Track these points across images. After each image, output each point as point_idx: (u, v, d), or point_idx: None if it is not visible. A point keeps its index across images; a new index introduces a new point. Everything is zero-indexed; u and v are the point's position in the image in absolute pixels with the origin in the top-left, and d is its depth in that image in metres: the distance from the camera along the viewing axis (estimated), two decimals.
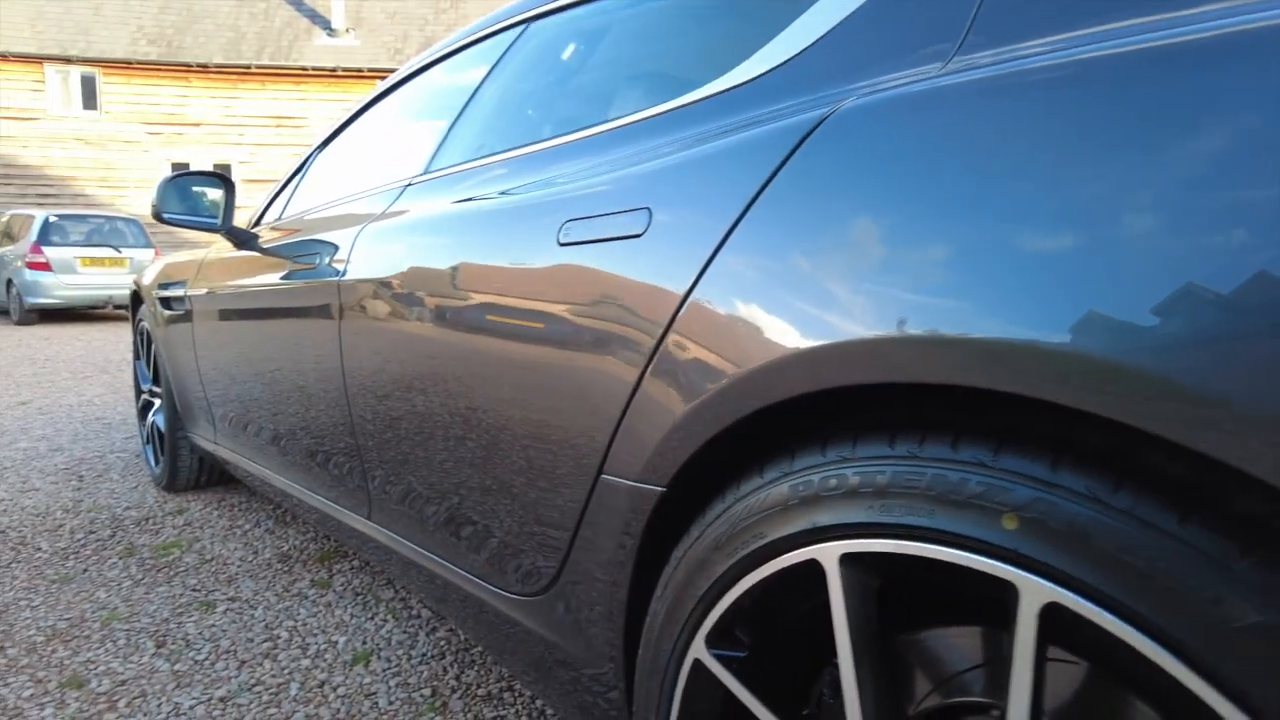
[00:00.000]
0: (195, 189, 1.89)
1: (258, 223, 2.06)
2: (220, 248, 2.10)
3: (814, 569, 0.59)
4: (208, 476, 2.58)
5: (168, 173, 13.45)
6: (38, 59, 13.18)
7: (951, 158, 0.54)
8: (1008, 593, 0.50)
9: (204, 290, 2.01)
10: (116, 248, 9.49)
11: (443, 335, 1.03)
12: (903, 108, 0.59)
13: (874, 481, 0.56)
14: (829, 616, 0.59)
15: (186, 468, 2.49)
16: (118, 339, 7.81)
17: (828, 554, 0.58)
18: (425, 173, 1.31)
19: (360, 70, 13.80)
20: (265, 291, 1.66)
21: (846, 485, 0.57)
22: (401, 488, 1.21)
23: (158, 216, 1.81)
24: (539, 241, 0.89)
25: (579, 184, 0.89)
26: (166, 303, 2.34)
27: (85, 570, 1.97)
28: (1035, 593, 0.48)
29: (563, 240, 0.86)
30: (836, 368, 0.56)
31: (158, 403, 2.67)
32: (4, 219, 10.24)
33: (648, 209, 0.76)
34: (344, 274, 1.29)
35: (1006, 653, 0.50)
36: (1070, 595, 0.47)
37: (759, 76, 0.79)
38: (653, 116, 0.88)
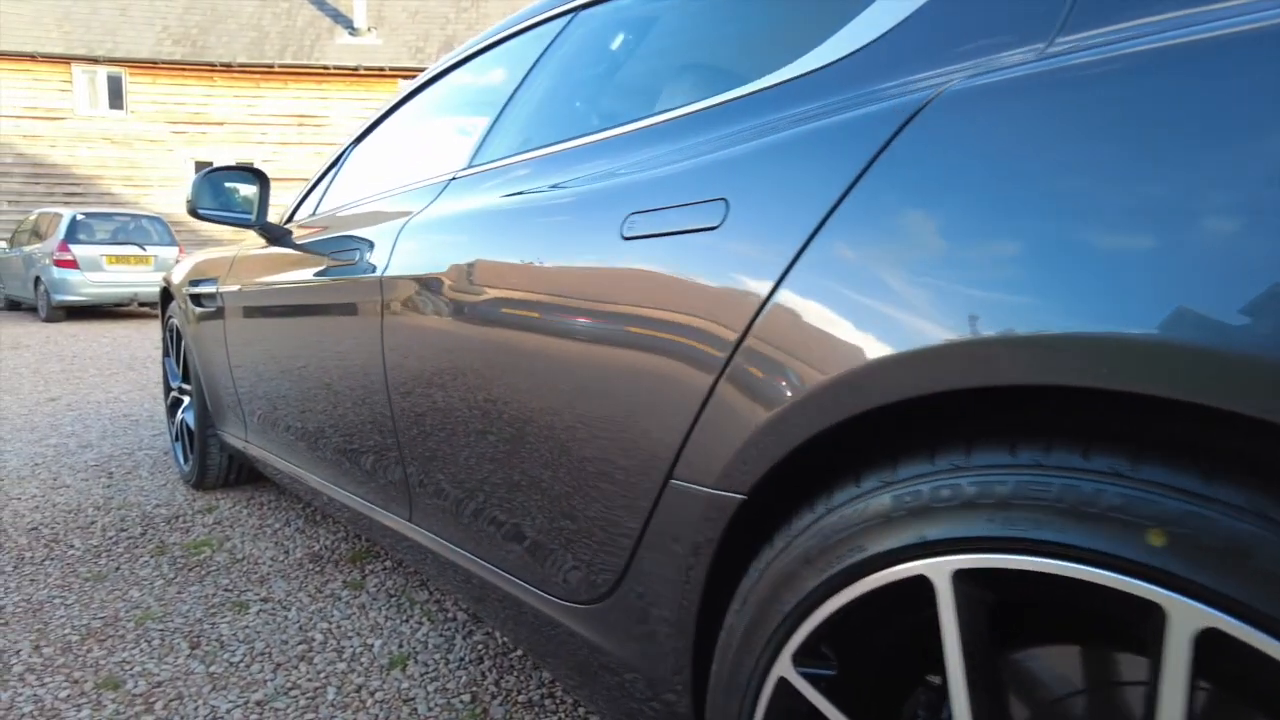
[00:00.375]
0: (228, 184, 1.87)
1: (290, 219, 2.03)
2: (253, 244, 2.08)
3: (920, 585, 0.55)
4: (236, 474, 2.57)
5: (191, 171, 13.61)
6: (65, 59, 13.36)
7: (1088, 142, 0.49)
8: (1152, 615, 0.45)
9: (236, 287, 1.99)
10: (142, 245, 9.58)
11: (496, 333, 0.99)
12: (1019, 90, 0.55)
13: (994, 492, 0.51)
14: (932, 633, 0.55)
15: (216, 466, 2.48)
16: (143, 336, 7.88)
17: (939, 570, 0.54)
18: (469, 167, 1.28)
19: (382, 69, 13.86)
20: (300, 288, 1.63)
21: (962, 496, 0.53)
22: (447, 489, 1.18)
23: (193, 212, 1.79)
24: (600, 236, 0.85)
25: (643, 175, 0.84)
26: (197, 300, 2.33)
27: (118, 568, 1.96)
28: (1188, 616, 0.44)
29: (626, 234, 0.82)
30: (962, 369, 0.52)
31: (187, 400, 2.67)
32: (32, 217, 10.38)
33: (724, 200, 0.71)
34: (387, 270, 1.26)
35: (1150, 679, 0.46)
36: (1231, 620, 0.42)
37: (841, 60, 0.74)
38: (725, 103, 0.84)
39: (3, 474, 2.79)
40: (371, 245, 1.35)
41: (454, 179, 1.28)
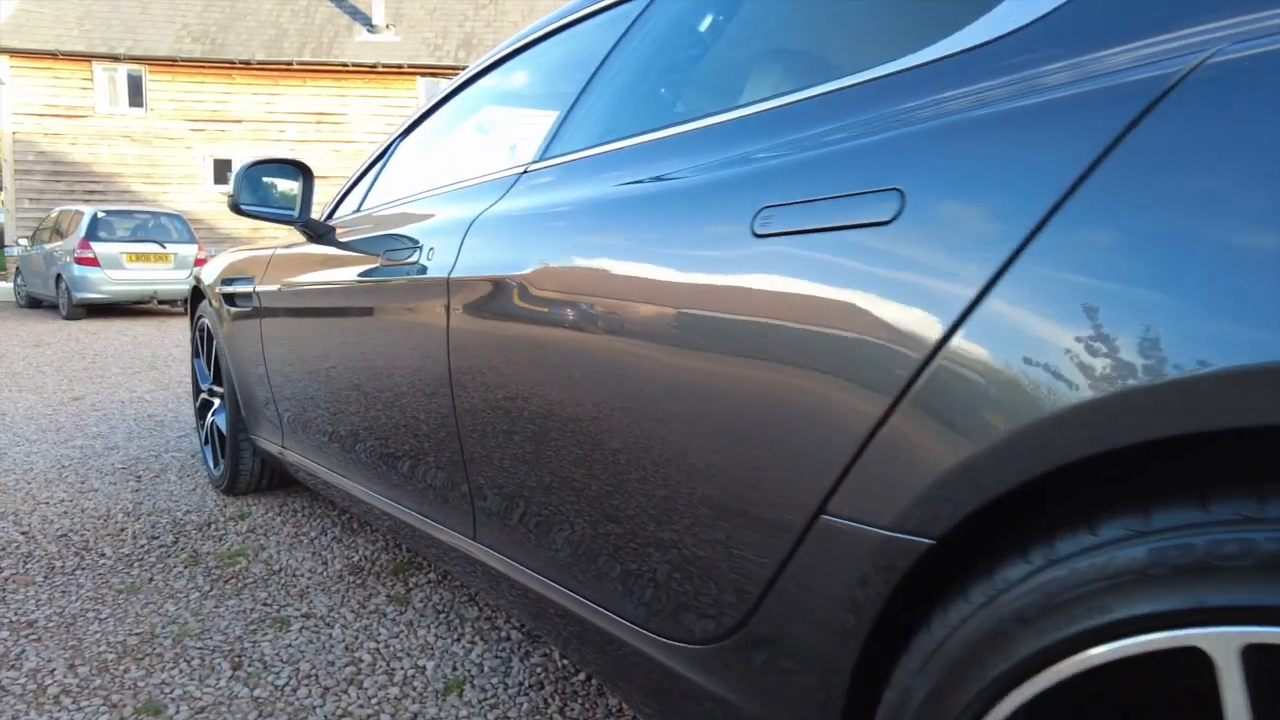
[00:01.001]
0: (267, 179, 1.78)
1: (331, 216, 1.95)
2: (291, 242, 2.00)
3: (1191, 657, 0.45)
4: (269, 479, 2.48)
5: (210, 169, 13.63)
6: (86, 57, 13.40)
7: None
8: None
9: (275, 286, 1.91)
10: (162, 243, 9.57)
11: (591, 342, 0.89)
12: None
13: None
14: (1198, 711, 0.45)
15: (248, 471, 2.40)
16: (162, 334, 7.85)
17: (1222, 643, 0.43)
18: (542, 159, 1.18)
19: (400, 66, 13.82)
20: (347, 288, 1.54)
21: (1257, 554, 0.42)
22: (521, 511, 1.08)
23: (235, 207, 1.70)
24: (723, 233, 0.75)
25: (777, 163, 0.74)
26: (231, 299, 2.24)
27: (151, 579, 1.88)
28: None
29: (759, 231, 0.71)
30: (1246, 401, 0.41)
31: (217, 403, 2.59)
32: (53, 215, 10.40)
33: (898, 191, 0.61)
34: (453, 270, 1.16)
35: None
36: None
37: (1021, 29, 0.64)
38: (874, 81, 0.73)
39: (31, 476, 2.73)
40: (432, 244, 1.26)
41: (525, 172, 1.19)
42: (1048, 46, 0.61)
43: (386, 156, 1.80)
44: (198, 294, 2.64)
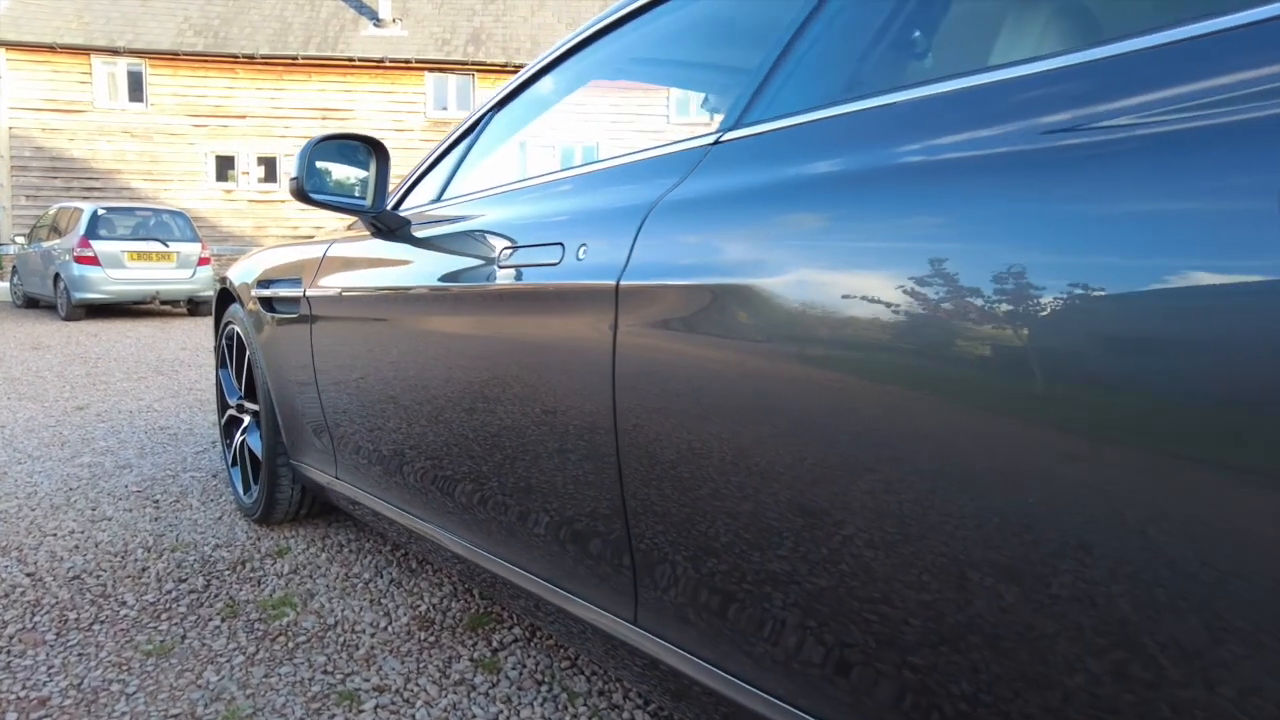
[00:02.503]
0: (324, 163, 1.47)
1: (398, 206, 1.65)
2: (348, 236, 1.70)
3: None
4: (308, 508, 2.18)
5: (212, 166, 13.26)
6: (84, 50, 13.06)
7: None
8: None
9: (331, 290, 1.61)
10: (164, 241, 9.26)
11: (871, 380, 0.61)
12: None
13: None
14: None
15: (286, 500, 2.10)
16: (166, 336, 7.54)
17: None
18: (741, 126, 0.88)
19: (408, 61, 13.49)
20: (440, 295, 1.25)
21: None
22: (711, 593, 0.79)
23: (301, 193, 1.39)
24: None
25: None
26: (270, 304, 1.94)
27: (184, 637, 1.58)
28: None
29: None
30: None
31: (248, 420, 2.29)
32: (51, 212, 10.07)
33: None
34: (624, 273, 0.87)
35: None
36: None
37: None
38: None
39: (35, 501, 2.42)
40: (583, 240, 0.96)
41: (717, 143, 0.89)
42: None
43: (474, 135, 1.50)
44: (225, 297, 2.34)
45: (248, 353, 2.11)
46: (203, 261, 9.45)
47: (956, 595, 0.57)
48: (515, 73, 1.44)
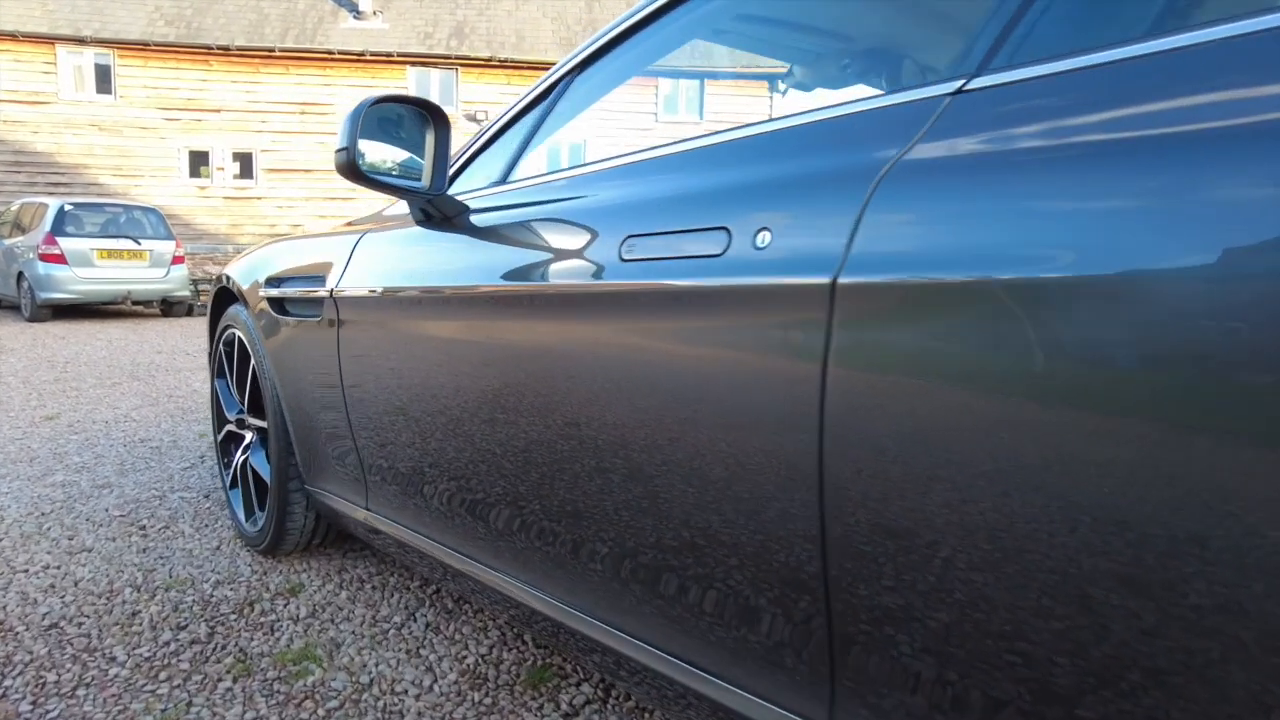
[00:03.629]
0: (367, 139, 1.21)
1: (449, 185, 1.39)
2: (390, 224, 1.45)
3: None
4: (321, 538, 1.92)
5: (185, 161, 12.72)
6: (49, 39, 12.50)
7: None
8: None
9: (367, 289, 1.35)
10: (136, 239, 8.84)
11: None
12: None
13: None
14: None
15: (298, 530, 1.83)
16: (139, 338, 7.16)
17: None
18: (986, 70, 0.65)
19: (389, 55, 13.10)
20: (535, 296, 1.00)
21: None
22: (958, 689, 0.57)
23: (353, 170, 1.12)
24: None
25: None
26: (282, 305, 1.68)
27: (190, 704, 1.32)
28: None
29: None
30: None
31: (250, 437, 2.02)
32: (14, 208, 9.58)
33: None
34: (843, 267, 0.63)
35: None
36: None
37: None
38: None
39: (2, 530, 2.13)
40: (761, 225, 0.72)
41: (961, 93, 0.66)
42: None
43: (546, 105, 1.25)
44: (224, 297, 2.07)
45: (252, 361, 1.85)
46: (177, 260, 9.05)
47: None
48: (500, 68, 1.20)
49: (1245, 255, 0.45)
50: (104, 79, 12.66)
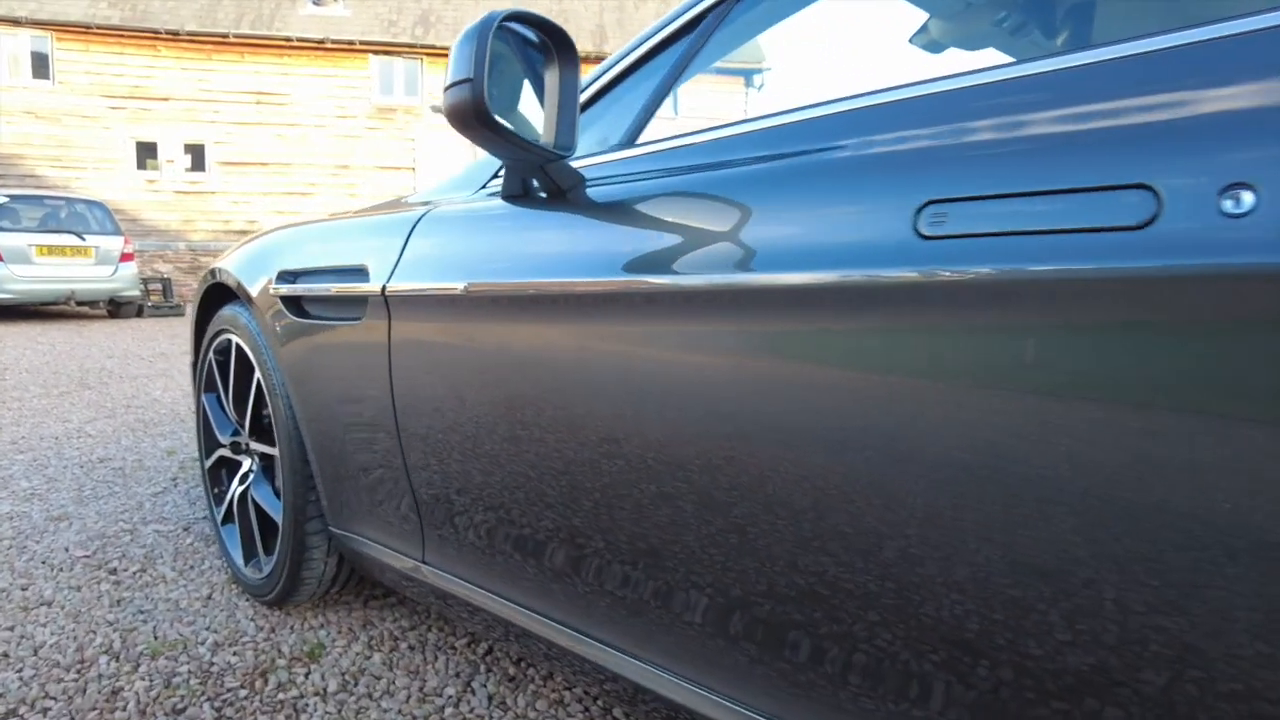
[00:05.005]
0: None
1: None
2: (461, 201, 1.14)
3: None
4: (341, 587, 1.60)
5: (132, 151, 11.91)
6: None
7: None
8: None
9: (435, 284, 1.05)
10: (79, 234, 8.23)
11: None
12: None
13: None
14: None
15: (316, 578, 1.51)
16: (86, 341, 6.62)
17: None
18: None
19: (351, 43, 12.53)
20: (745, 291, 0.71)
21: None
22: None
23: (479, 115, 0.77)
24: None
25: None
26: (298, 305, 1.36)
27: None
28: None
29: None
30: None
31: (248, 464, 1.68)
32: None
33: None
34: None
35: None
36: None
37: None
38: None
39: None
40: (1224, 178, 0.45)
41: None
42: None
43: (695, 39, 0.95)
44: (216, 294, 1.73)
45: (256, 373, 1.51)
46: (126, 257, 8.46)
47: None
48: None
49: None
50: (41, 63, 11.85)
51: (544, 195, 0.96)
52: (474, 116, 0.76)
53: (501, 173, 1.15)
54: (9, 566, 1.83)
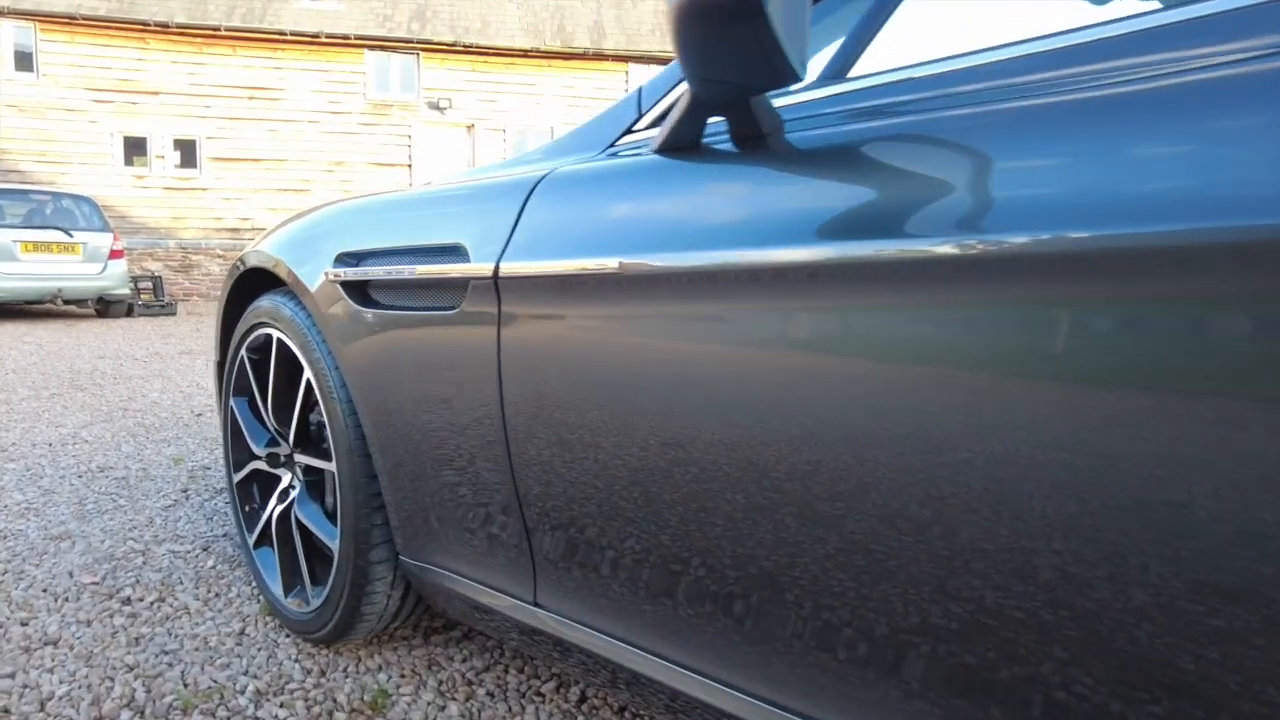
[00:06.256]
0: None
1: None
2: (587, 159, 0.93)
3: None
4: (403, 620, 1.37)
5: (120, 147, 11.54)
6: None
7: None
8: None
9: (566, 263, 0.83)
10: (67, 230, 7.93)
11: None
12: None
13: None
14: None
15: (376, 614, 1.29)
16: (76, 341, 6.33)
17: None
18: None
19: (346, 37, 12.23)
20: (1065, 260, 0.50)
21: None
22: None
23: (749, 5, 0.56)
24: None
25: None
26: (363, 292, 1.14)
27: None
28: None
29: None
30: None
31: (287, 481, 1.46)
32: None
33: None
34: None
35: None
36: None
37: None
38: None
39: None
40: None
41: None
42: None
43: None
44: (251, 281, 1.50)
45: (306, 373, 1.29)
46: (115, 254, 8.16)
47: None
48: (464, 53, 0.75)
49: None
50: (24, 55, 11.47)
51: (725, 145, 0.75)
52: (740, 8, 0.54)
53: (637, 127, 0.94)
54: (5, 596, 1.60)
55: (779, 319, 0.66)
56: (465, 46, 12.80)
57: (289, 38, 12.10)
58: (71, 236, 7.86)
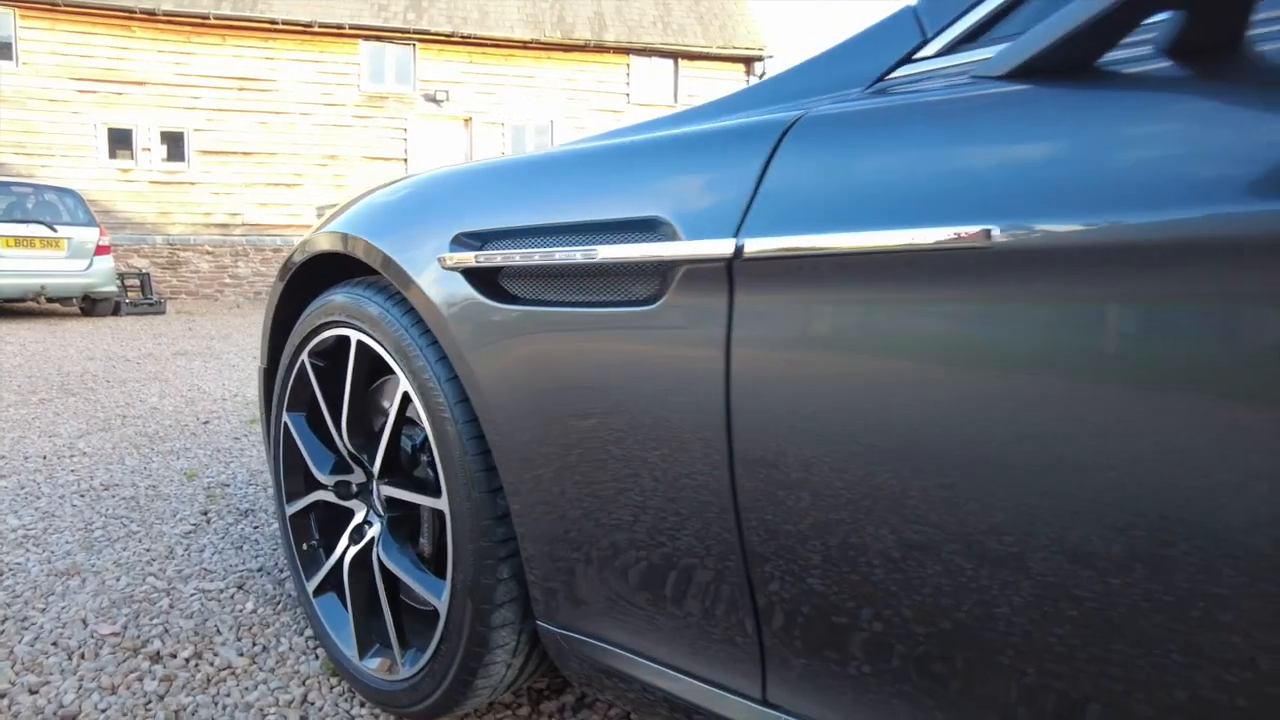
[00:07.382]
0: None
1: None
2: (862, 94, 0.67)
3: None
4: (514, 688, 1.11)
5: (104, 139, 11.10)
6: None
7: None
8: None
9: (878, 232, 0.57)
10: (50, 225, 7.55)
11: None
12: None
13: None
14: None
15: (491, 685, 1.02)
16: (62, 342, 5.98)
17: None
18: None
19: (341, 27, 11.84)
20: None
21: None
22: None
23: None
24: None
25: None
26: (493, 282, 0.88)
27: None
28: None
29: None
30: None
31: (362, 516, 1.20)
32: None
33: None
34: None
35: None
36: None
37: None
38: None
39: None
40: None
41: None
42: None
43: None
44: (306, 275, 1.23)
45: (402, 385, 1.02)
46: (101, 250, 7.79)
47: None
48: (462, 44, 0.60)
49: None
50: (3, 43, 11.01)
51: (1143, 65, 0.50)
52: None
53: (922, 54, 0.69)
54: (8, 652, 1.32)
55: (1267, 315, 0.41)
56: (463, 37, 12.46)
57: (281, 27, 11.71)
58: (55, 231, 7.48)
